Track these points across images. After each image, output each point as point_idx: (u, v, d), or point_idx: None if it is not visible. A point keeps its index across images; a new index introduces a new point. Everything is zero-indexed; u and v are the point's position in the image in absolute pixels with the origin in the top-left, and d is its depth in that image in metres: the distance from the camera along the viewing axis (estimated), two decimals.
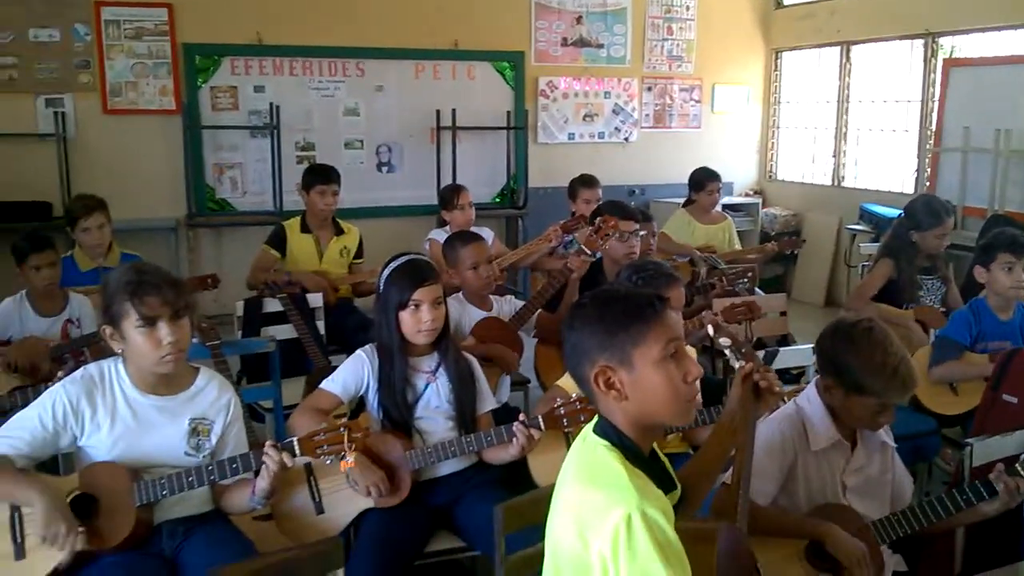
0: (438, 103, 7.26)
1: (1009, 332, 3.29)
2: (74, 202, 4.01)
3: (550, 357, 3.53)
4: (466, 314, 3.32)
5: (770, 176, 8.62)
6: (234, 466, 2.13)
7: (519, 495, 2.54)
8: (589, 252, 3.49)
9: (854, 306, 3.99)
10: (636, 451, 1.60)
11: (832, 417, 2.12)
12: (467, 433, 2.55)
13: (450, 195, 4.81)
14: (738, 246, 5.56)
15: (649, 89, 8.07)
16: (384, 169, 7.33)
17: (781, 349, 3.23)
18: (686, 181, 5.49)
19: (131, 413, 2.14)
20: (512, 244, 6.88)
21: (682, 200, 5.73)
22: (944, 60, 6.56)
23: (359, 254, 4.69)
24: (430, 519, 2.50)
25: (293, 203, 6.74)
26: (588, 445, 1.63)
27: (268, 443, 2.11)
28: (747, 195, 8.44)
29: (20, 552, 2.03)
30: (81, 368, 2.17)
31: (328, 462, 2.14)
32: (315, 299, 4.14)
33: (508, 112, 7.58)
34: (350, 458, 2.13)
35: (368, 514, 2.41)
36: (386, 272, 2.59)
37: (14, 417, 2.14)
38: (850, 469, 2.14)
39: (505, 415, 2.77)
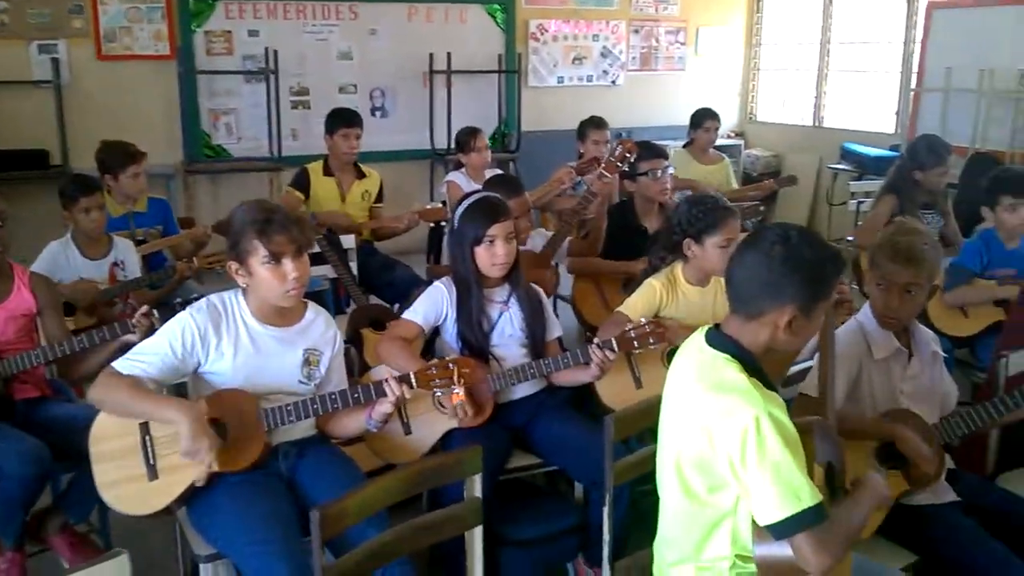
0: (430, 47, 7.31)
1: (1015, 260, 3.54)
2: (116, 149, 4.05)
3: (587, 292, 3.72)
4: None
5: (751, 118, 8.83)
6: (356, 396, 2.28)
7: (589, 413, 2.77)
8: (609, 176, 3.63)
9: (863, 241, 4.21)
10: (755, 363, 1.79)
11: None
12: (538, 358, 2.73)
13: (467, 138, 4.92)
14: (735, 186, 5.77)
15: (636, 32, 8.18)
16: (378, 114, 7.38)
17: None
18: (671, 124, 5.60)
19: (252, 342, 2.27)
20: None
21: (667, 143, 5.89)
22: (928, 2, 6.77)
23: (379, 198, 4.79)
24: (508, 439, 2.68)
25: (289, 148, 6.83)
26: (706, 357, 1.81)
27: (390, 376, 2.27)
28: (729, 137, 8.63)
29: (153, 473, 2.18)
30: (204, 299, 2.29)
31: (439, 394, 2.29)
32: (348, 240, 4.26)
33: (500, 55, 7.64)
34: (459, 391, 2.30)
35: (454, 433, 2.58)
36: (461, 209, 2.72)
37: (141, 343, 2.26)
38: (907, 376, 2.37)
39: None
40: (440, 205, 5.02)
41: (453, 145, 5.25)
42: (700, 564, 1.83)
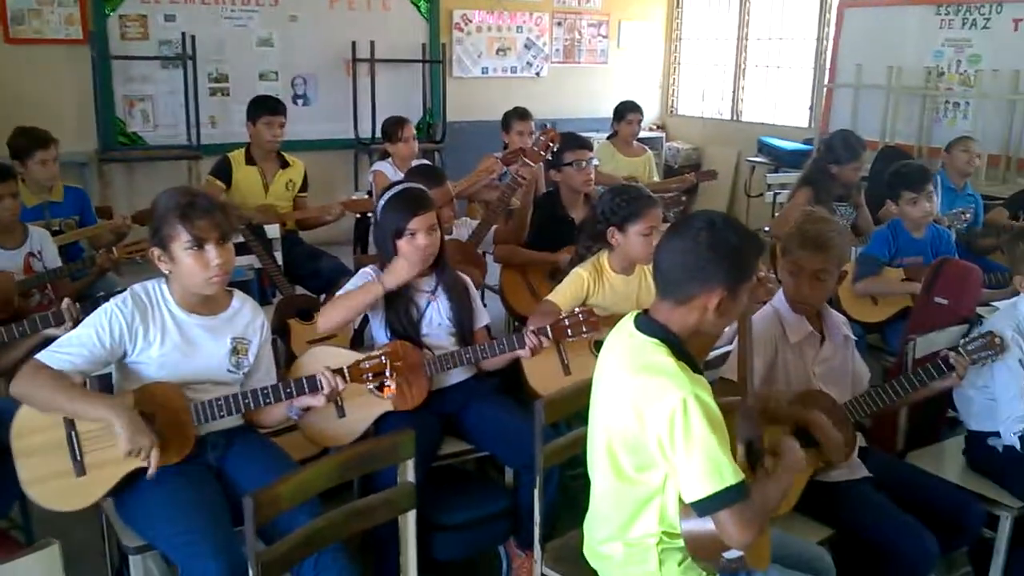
0: (353, 35, 7.26)
1: (921, 248, 3.73)
2: (24, 135, 3.92)
3: (515, 281, 3.75)
4: None
5: (672, 112, 9.01)
6: (288, 389, 2.26)
7: (517, 399, 2.82)
8: (532, 163, 3.70)
9: (779, 231, 4.36)
10: (682, 347, 1.85)
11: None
12: (466, 347, 2.75)
13: (394, 127, 4.89)
14: (657, 178, 5.89)
15: (559, 24, 8.25)
16: (300, 102, 7.28)
17: None
18: (595, 116, 5.67)
19: (179, 331, 2.24)
20: None
21: (591, 135, 6.00)
22: (840, 1, 7.01)
23: (304, 187, 4.74)
24: (440, 425, 2.70)
25: (208, 136, 6.70)
26: (636, 342, 1.87)
27: (326, 367, 2.27)
28: (651, 130, 8.78)
29: (81, 469, 2.13)
30: (128, 289, 2.25)
31: (371, 387, 2.30)
32: (273, 230, 4.20)
33: (423, 45, 7.63)
34: (392, 384, 2.30)
35: (388, 418, 2.59)
36: (383, 201, 2.73)
37: (67, 335, 2.20)
38: (819, 359, 2.48)
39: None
40: (366, 196, 5.00)
41: (379, 135, 5.24)
42: (628, 541, 1.89)
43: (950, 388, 2.51)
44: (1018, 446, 2.38)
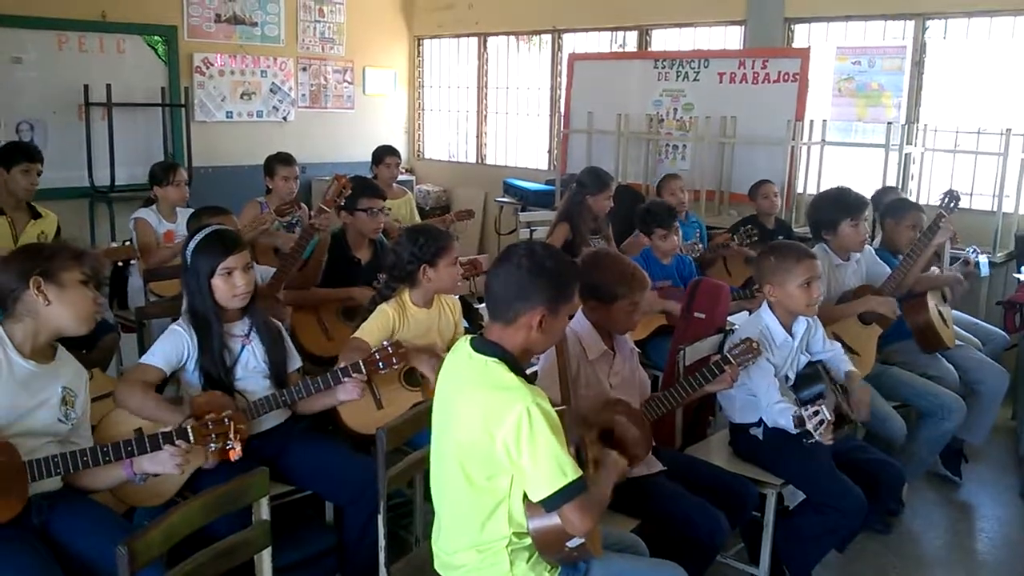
0: (86, 77, 6.92)
1: (669, 273, 4.24)
2: None
3: (307, 322, 3.79)
4: None
5: (419, 155, 9.33)
6: (129, 448, 2.19)
7: (333, 437, 2.89)
8: (328, 211, 3.81)
9: None
10: (518, 363, 2.06)
11: (598, 331, 2.76)
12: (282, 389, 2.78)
13: (165, 171, 4.70)
14: (418, 219, 6.13)
15: (304, 69, 8.31)
16: None
17: None
18: (344, 160, 5.78)
19: (14, 377, 2.17)
20: None
21: None
22: (569, 54, 7.69)
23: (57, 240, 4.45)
24: None
25: None
26: (476, 362, 2.05)
27: (168, 429, 2.23)
28: (401, 173, 9.03)
29: None
30: None
31: (213, 448, 2.28)
32: None
33: (163, 88, 7.38)
34: (237, 446, 2.29)
35: (203, 472, 2.55)
36: (193, 244, 2.69)
37: None
38: (613, 373, 2.79)
39: None
40: (127, 244, 4.77)
41: (118, 182, 4.96)
42: (480, 547, 2.05)
43: (720, 389, 2.91)
44: (791, 426, 2.76)
